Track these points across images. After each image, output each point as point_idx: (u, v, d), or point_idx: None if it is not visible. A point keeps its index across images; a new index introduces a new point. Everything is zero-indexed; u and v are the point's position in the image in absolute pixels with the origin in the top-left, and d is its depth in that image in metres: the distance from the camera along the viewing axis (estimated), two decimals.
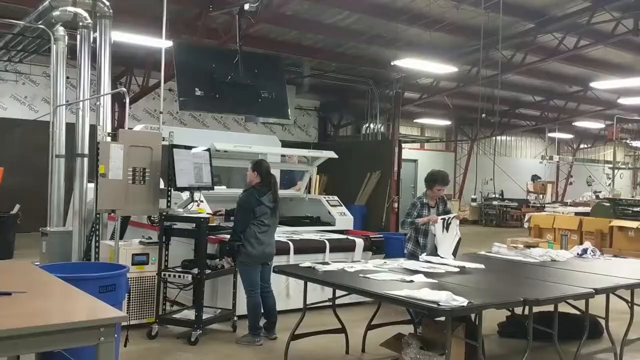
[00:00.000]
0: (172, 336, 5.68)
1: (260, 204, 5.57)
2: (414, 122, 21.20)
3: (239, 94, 7.81)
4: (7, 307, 2.74)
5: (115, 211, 5.86)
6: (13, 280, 3.36)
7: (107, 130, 6.48)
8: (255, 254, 5.56)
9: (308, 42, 13.15)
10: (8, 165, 11.50)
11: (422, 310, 3.89)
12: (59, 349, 2.68)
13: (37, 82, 13.88)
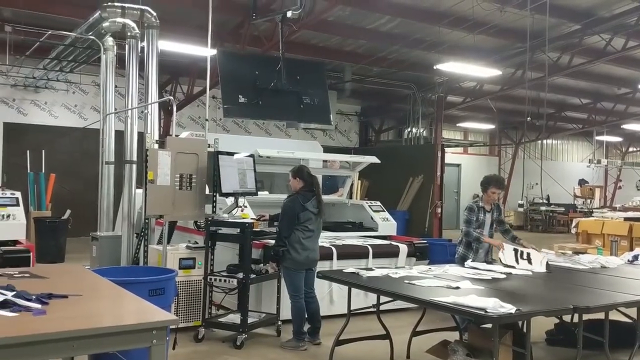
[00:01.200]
0: (218, 339, 5.76)
1: (304, 210, 5.61)
2: (456, 126, 20.95)
3: (281, 100, 7.87)
4: (64, 309, 2.84)
5: (163, 216, 6.00)
6: (68, 283, 3.48)
7: (154, 138, 6.66)
8: (300, 259, 5.59)
9: (349, 48, 13.18)
10: (59, 172, 11.94)
11: (469, 317, 3.84)
12: (113, 350, 2.76)
13: (87, 91, 14.31)
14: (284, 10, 7.70)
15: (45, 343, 2.43)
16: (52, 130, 13.86)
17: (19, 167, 11.46)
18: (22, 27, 10.08)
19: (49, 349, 2.50)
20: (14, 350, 2.37)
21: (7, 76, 12.68)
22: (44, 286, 3.22)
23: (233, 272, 5.77)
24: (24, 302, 2.83)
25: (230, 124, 15.76)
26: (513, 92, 15.66)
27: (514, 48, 12.44)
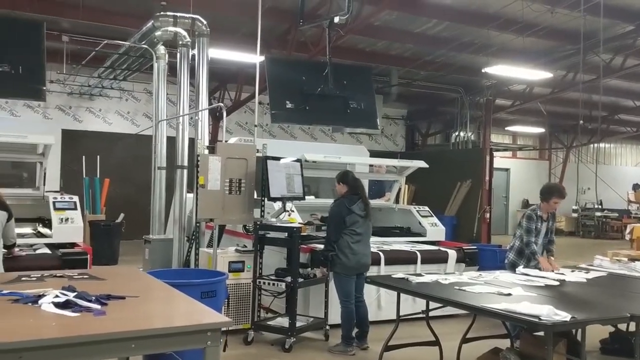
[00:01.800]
0: (267, 342, 5.83)
1: (350, 213, 5.63)
2: (505, 129, 20.57)
3: (328, 105, 7.92)
4: (122, 310, 2.93)
5: (213, 220, 6.12)
6: (125, 285, 3.59)
7: (205, 144, 6.80)
8: (350, 264, 5.61)
9: (396, 52, 13.13)
10: (113, 177, 12.30)
11: (522, 324, 3.78)
12: (169, 350, 2.84)
13: (139, 98, 14.72)
14: (331, 16, 7.75)
15: (106, 343, 2.52)
16: (106, 136, 14.31)
17: (75, 172, 11.86)
18: (79, 37, 10.46)
19: (109, 349, 2.59)
20: (77, 349, 2.47)
21: (64, 84, 13.17)
22: (102, 287, 3.34)
23: (281, 276, 5.83)
24: (85, 302, 2.94)
25: (276, 129, 15.92)
26: (564, 94, 15.27)
27: (565, 50, 12.13)
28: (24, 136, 5.83)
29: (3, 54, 5.76)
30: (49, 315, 2.77)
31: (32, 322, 2.68)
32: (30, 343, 2.37)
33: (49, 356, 2.43)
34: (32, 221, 6.38)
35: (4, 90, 5.99)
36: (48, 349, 2.41)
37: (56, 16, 9.88)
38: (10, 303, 2.97)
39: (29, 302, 2.97)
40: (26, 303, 2.96)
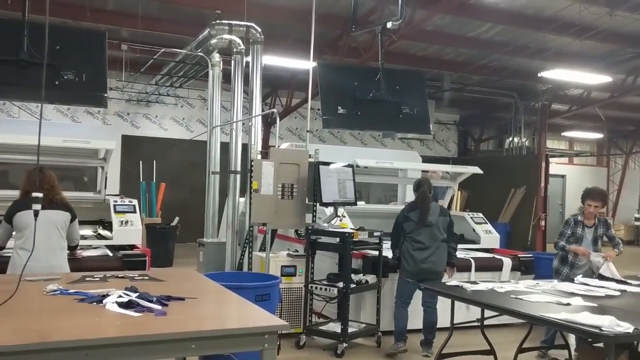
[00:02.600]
0: (319, 347, 5.85)
1: (407, 220, 5.76)
2: (561, 135, 20.01)
3: (380, 110, 7.88)
4: (182, 311, 3.01)
5: (266, 224, 6.20)
6: (183, 286, 3.68)
7: (258, 149, 6.90)
8: (410, 270, 5.72)
9: (449, 56, 13.00)
10: (168, 181, 12.62)
11: (582, 335, 3.67)
12: (228, 352, 2.89)
13: (193, 104, 15.06)
14: (383, 22, 7.73)
15: (167, 342, 2.60)
16: (162, 142, 14.70)
17: (132, 176, 12.22)
18: (137, 46, 10.80)
19: (170, 348, 2.67)
20: (140, 348, 2.56)
21: (123, 92, 13.60)
22: (162, 289, 3.43)
23: (333, 281, 5.84)
24: (147, 303, 3.03)
25: (326, 135, 15.99)
26: (624, 99, 14.76)
27: (625, 53, 11.74)
28: (87, 141, 6.07)
29: (68, 63, 5.98)
30: (113, 314, 2.87)
31: (98, 320, 2.78)
32: (96, 341, 2.47)
33: (113, 354, 2.52)
34: (93, 223, 6.60)
35: (69, 97, 6.22)
36: (113, 347, 2.50)
37: (116, 26, 10.24)
38: (76, 302, 3.10)
39: (94, 302, 3.09)
40: (91, 302, 3.08)
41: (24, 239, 4.55)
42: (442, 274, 5.82)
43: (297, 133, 16.02)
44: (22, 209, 4.59)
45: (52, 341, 2.41)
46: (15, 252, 4.58)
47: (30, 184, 4.66)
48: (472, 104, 16.99)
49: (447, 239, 5.83)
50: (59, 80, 5.89)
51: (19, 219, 4.57)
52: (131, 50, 11.02)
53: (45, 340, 2.42)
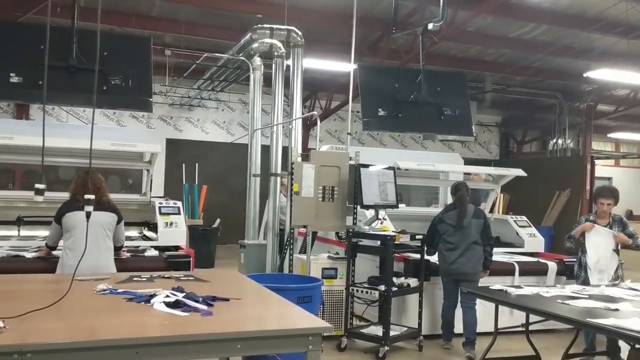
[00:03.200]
0: (360, 350, 5.84)
1: (441, 222, 5.99)
2: (607, 136, 19.49)
3: (421, 112, 7.83)
4: (227, 311, 3.05)
5: (306, 227, 6.23)
6: (227, 287, 3.73)
7: (299, 151, 6.93)
8: (443, 269, 5.96)
9: (490, 57, 12.83)
10: (210, 184, 12.81)
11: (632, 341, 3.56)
12: (273, 353, 2.92)
13: (234, 108, 15.25)
14: (425, 23, 7.68)
15: (214, 342, 2.64)
16: (204, 145, 14.94)
17: (176, 179, 12.45)
18: (180, 51, 11.01)
19: (216, 348, 2.71)
20: (187, 347, 2.60)
21: (166, 96, 13.88)
22: (207, 289, 3.48)
23: (374, 284, 5.83)
24: (193, 303, 3.09)
25: (365, 137, 15.97)
26: None
27: None
28: (134, 145, 6.20)
29: (115, 68, 6.15)
30: (161, 314, 2.93)
31: (147, 320, 2.85)
32: (146, 340, 2.53)
33: (161, 353, 2.57)
34: (138, 225, 6.74)
35: (116, 102, 6.39)
36: (161, 346, 2.55)
37: (160, 31, 10.46)
38: (125, 301, 3.17)
39: (142, 301, 3.16)
40: (139, 302, 3.15)
41: (72, 240, 4.70)
42: (474, 276, 5.87)
43: (336, 135, 16.05)
44: (70, 210, 4.73)
45: (104, 339, 2.48)
46: (64, 252, 4.73)
47: (78, 186, 4.81)
48: (514, 105, 16.71)
49: (482, 241, 5.91)
50: (107, 86, 6.06)
51: (68, 219, 4.71)
52: (175, 55, 11.25)
53: (96, 339, 2.49)
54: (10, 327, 2.42)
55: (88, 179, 4.66)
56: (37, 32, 6.07)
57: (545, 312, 4.17)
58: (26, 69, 5.86)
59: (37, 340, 2.39)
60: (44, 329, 2.56)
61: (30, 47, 5.85)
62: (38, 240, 5.70)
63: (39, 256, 5.12)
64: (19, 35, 6.26)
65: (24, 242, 5.64)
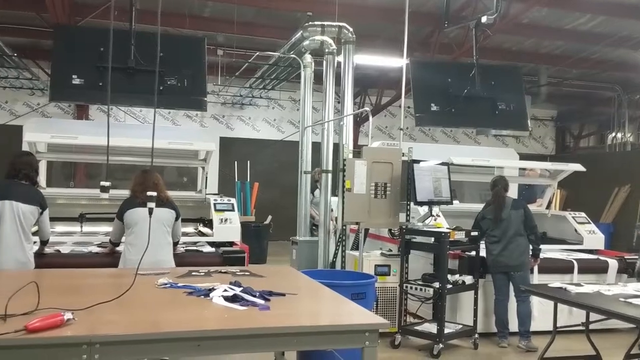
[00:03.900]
0: (414, 347, 5.81)
1: (483, 218, 6.11)
2: None
3: (475, 107, 7.70)
4: (284, 306, 3.09)
5: (359, 223, 6.23)
6: (283, 282, 3.77)
7: (350, 148, 6.93)
8: (489, 263, 6.03)
9: (545, 50, 12.48)
10: (262, 181, 12.95)
11: None
12: (329, 348, 2.94)
13: (284, 106, 15.38)
14: (478, 16, 7.55)
15: (272, 336, 2.68)
16: (255, 142, 15.12)
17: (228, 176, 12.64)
18: (233, 50, 11.17)
19: (274, 342, 2.76)
20: (245, 341, 2.65)
21: (218, 95, 14.12)
22: (262, 284, 3.53)
23: (428, 281, 5.78)
24: (251, 297, 3.14)
25: (416, 133, 15.82)
26: None
27: None
28: (190, 143, 6.35)
29: (171, 69, 6.30)
30: (220, 307, 2.99)
31: (207, 313, 2.91)
32: (207, 333, 2.59)
33: (222, 345, 2.63)
34: (193, 221, 6.89)
35: (172, 102, 6.54)
36: (222, 339, 2.61)
37: (213, 31, 10.64)
38: (185, 295, 3.26)
39: (202, 295, 3.24)
40: (199, 296, 3.23)
41: (133, 235, 4.85)
42: (520, 267, 5.89)
43: (386, 131, 15.96)
44: (131, 207, 4.89)
45: (167, 332, 2.55)
46: (126, 247, 4.89)
47: (138, 184, 4.96)
48: (570, 98, 16.21)
49: (525, 232, 5.95)
50: (163, 86, 6.21)
51: (129, 216, 4.87)
52: (227, 54, 11.41)
53: (160, 331, 2.56)
54: (78, 319, 2.53)
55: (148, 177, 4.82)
56: (97, 36, 6.28)
57: (607, 310, 4.05)
58: (87, 71, 6.07)
59: (104, 331, 2.49)
60: (110, 320, 2.65)
61: (91, 50, 6.06)
62: (100, 236, 5.91)
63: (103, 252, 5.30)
64: (79, 39, 6.50)
65: (86, 238, 5.84)
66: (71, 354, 2.36)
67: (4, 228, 4.53)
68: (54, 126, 7.29)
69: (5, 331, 2.31)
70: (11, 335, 2.29)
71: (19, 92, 13.66)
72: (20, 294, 2.67)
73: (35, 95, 13.81)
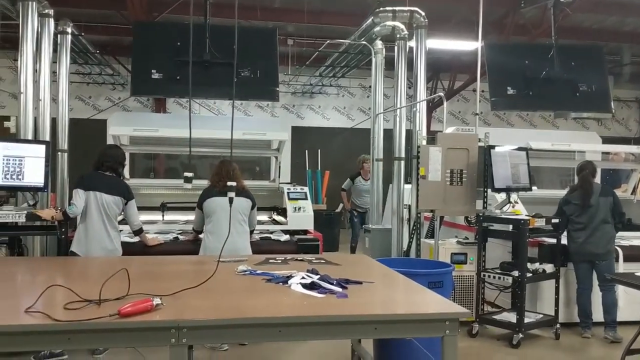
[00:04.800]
0: (492, 337, 5.69)
1: (567, 203, 5.87)
2: None
3: (554, 89, 7.39)
4: (361, 294, 3.10)
5: (433, 211, 6.14)
6: (359, 270, 3.78)
7: (423, 134, 6.83)
8: (572, 251, 5.83)
9: (628, 27, 11.83)
10: (332, 169, 13.02)
11: None
12: (409, 337, 2.92)
13: (354, 93, 15.32)
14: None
15: (352, 324, 2.70)
16: (325, 131, 15.17)
17: (299, 165, 12.80)
18: (303, 39, 11.23)
19: (353, 330, 2.78)
20: (325, 328, 2.68)
21: (288, 85, 14.25)
22: (338, 272, 3.55)
23: (507, 270, 5.63)
24: (328, 285, 3.16)
25: (491, 117, 15.38)
26: None
27: None
28: (263, 133, 6.47)
29: (244, 60, 6.40)
30: (298, 294, 3.04)
31: (286, 300, 2.96)
32: (288, 319, 2.64)
33: (302, 332, 2.69)
34: (267, 210, 7.02)
35: (246, 93, 6.64)
36: (303, 326, 2.65)
37: (283, 22, 10.73)
38: (264, 282, 3.33)
39: (280, 282, 3.29)
40: (277, 283, 3.29)
41: (212, 224, 5.01)
42: (606, 256, 5.71)
43: (459, 117, 15.64)
44: (210, 196, 5.05)
45: (251, 317, 2.62)
46: (206, 235, 5.06)
47: (216, 174, 5.11)
48: None
49: (612, 220, 5.75)
50: (237, 78, 6.32)
51: (208, 205, 5.03)
52: (296, 44, 11.49)
53: (244, 316, 2.63)
54: (166, 304, 2.63)
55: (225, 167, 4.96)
56: (173, 31, 6.46)
57: None
58: (165, 66, 6.26)
59: (191, 316, 2.58)
60: (195, 306, 2.75)
61: (168, 45, 6.25)
62: (180, 224, 6.12)
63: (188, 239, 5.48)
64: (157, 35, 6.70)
65: (167, 226, 6.07)
66: (160, 337, 2.47)
67: (91, 218, 4.79)
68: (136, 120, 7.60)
69: (101, 315, 2.44)
70: (106, 319, 2.42)
71: (101, 88, 14.31)
72: (111, 279, 2.81)
73: (116, 90, 14.43)
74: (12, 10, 7.49)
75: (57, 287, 2.90)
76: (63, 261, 4.39)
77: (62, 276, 3.65)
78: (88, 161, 5.11)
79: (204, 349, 4.98)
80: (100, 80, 14.04)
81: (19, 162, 4.83)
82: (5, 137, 5.29)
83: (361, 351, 4.13)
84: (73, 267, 4.10)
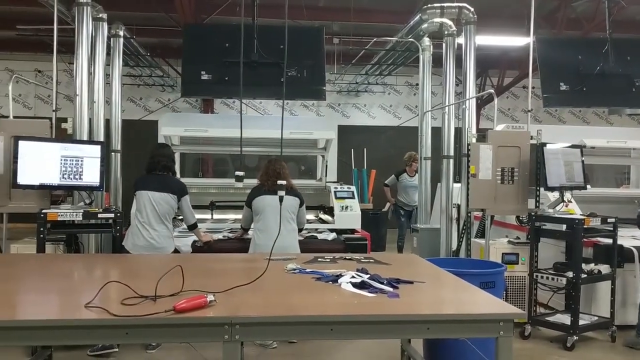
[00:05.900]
0: (545, 339, 5.55)
1: None
2: None
3: (609, 85, 7.16)
4: (413, 294, 3.07)
5: (484, 210, 6.03)
6: (409, 270, 3.74)
7: (473, 132, 6.72)
8: None
9: None
10: (378, 168, 12.95)
11: None
12: (462, 337, 2.88)
13: (400, 91, 15.21)
14: None
15: (404, 323, 2.68)
16: (371, 129, 15.12)
17: (344, 164, 12.77)
18: (349, 38, 11.21)
19: (405, 329, 2.75)
20: (377, 327, 2.67)
21: (334, 84, 14.26)
22: (389, 271, 3.53)
23: (561, 271, 5.48)
24: (379, 284, 3.15)
25: (542, 114, 15.03)
26: None
27: None
28: (310, 132, 6.48)
29: (291, 60, 6.40)
30: (348, 294, 3.03)
31: (337, 299, 2.95)
32: (340, 317, 2.64)
33: (353, 331, 2.68)
34: (314, 208, 7.03)
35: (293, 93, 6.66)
36: (354, 325, 2.64)
37: (329, 21, 10.74)
38: (314, 281, 3.33)
39: (330, 281, 3.29)
40: (327, 282, 3.29)
41: (261, 222, 5.06)
42: None
43: (509, 114, 15.34)
44: (259, 194, 5.10)
45: (303, 315, 2.63)
46: (255, 233, 5.11)
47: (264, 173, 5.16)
48: None
49: None
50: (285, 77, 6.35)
51: (257, 203, 5.08)
52: (342, 42, 11.47)
53: (295, 314, 2.64)
54: (219, 301, 2.67)
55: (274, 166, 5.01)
56: (222, 32, 6.55)
57: None
58: (214, 67, 6.35)
59: (243, 313, 2.61)
60: (247, 303, 2.78)
61: (216, 47, 6.34)
62: (229, 223, 6.20)
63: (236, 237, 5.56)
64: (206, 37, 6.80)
65: (217, 225, 6.16)
66: (214, 333, 2.50)
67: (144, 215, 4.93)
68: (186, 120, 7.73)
69: (157, 311, 2.50)
70: (162, 315, 2.47)
71: (151, 89, 14.66)
72: (165, 276, 2.87)
73: (166, 92, 14.75)
74: (67, 15, 7.76)
75: (113, 283, 2.98)
76: (118, 258, 4.51)
77: (118, 272, 3.76)
78: (139, 161, 5.24)
79: (254, 346, 5.04)
80: (151, 82, 14.38)
81: (77, 163, 4.98)
82: (63, 138, 5.44)
83: (411, 351, 4.09)
84: (127, 263, 4.21)
